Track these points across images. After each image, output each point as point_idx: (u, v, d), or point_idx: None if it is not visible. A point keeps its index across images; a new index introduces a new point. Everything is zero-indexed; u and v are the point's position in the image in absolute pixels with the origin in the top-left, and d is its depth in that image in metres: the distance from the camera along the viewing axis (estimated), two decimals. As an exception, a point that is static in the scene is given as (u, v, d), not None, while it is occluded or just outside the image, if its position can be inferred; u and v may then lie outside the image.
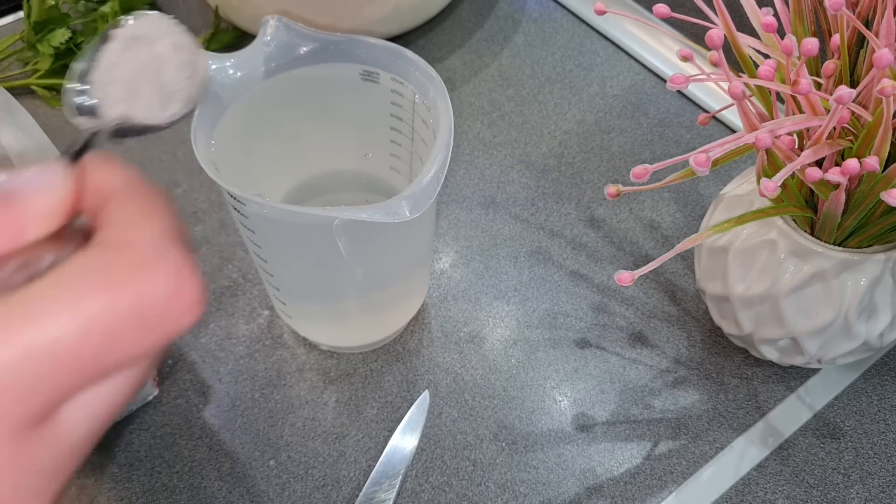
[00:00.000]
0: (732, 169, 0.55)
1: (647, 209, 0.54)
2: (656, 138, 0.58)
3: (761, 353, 0.44)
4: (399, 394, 0.45)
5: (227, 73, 0.37)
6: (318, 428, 0.44)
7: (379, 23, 0.57)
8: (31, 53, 0.58)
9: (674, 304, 0.50)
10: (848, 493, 0.43)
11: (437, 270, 0.51)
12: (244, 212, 0.35)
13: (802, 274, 0.38)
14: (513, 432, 0.44)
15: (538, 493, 0.42)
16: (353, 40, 0.39)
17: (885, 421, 0.45)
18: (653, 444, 0.44)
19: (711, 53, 0.32)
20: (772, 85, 0.32)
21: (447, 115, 0.36)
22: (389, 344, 0.47)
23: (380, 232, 0.37)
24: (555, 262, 0.51)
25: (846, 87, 0.28)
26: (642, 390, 0.46)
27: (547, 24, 0.66)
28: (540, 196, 0.55)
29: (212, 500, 0.42)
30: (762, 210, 0.37)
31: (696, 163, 0.30)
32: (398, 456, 0.43)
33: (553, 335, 0.48)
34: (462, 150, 0.57)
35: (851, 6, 0.35)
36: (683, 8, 0.36)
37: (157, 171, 0.55)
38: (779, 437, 0.45)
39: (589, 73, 0.62)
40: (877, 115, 0.31)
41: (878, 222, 0.36)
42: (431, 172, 0.33)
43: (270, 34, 0.38)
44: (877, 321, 0.39)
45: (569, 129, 0.59)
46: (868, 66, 0.34)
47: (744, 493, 0.43)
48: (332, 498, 0.42)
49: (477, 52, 0.63)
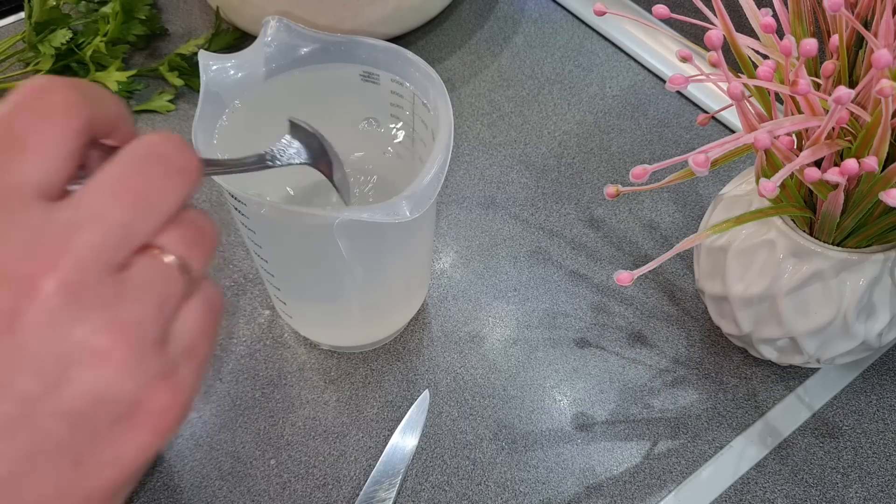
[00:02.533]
0: (731, 169, 0.55)
1: (646, 209, 0.54)
2: (655, 139, 0.58)
3: (760, 353, 0.44)
4: (399, 393, 0.46)
5: (228, 74, 0.37)
6: (319, 427, 0.44)
7: (379, 24, 0.57)
8: (32, 54, 0.58)
9: (673, 303, 0.50)
10: (847, 493, 0.43)
11: (437, 270, 0.51)
12: (245, 212, 0.35)
13: (801, 274, 0.38)
14: (512, 431, 0.44)
15: (538, 493, 0.42)
16: (354, 41, 0.39)
17: (884, 420, 0.45)
18: (652, 443, 0.44)
19: (710, 54, 0.33)
20: (771, 85, 0.32)
21: (447, 116, 0.36)
22: (390, 344, 0.48)
23: (380, 232, 0.37)
24: (554, 262, 0.51)
25: (845, 87, 0.28)
26: (641, 390, 0.46)
27: (546, 24, 0.66)
28: (540, 196, 0.55)
29: (212, 499, 0.42)
30: (761, 210, 0.37)
31: (696, 163, 0.30)
32: (398, 455, 0.43)
33: (553, 335, 0.48)
34: (462, 151, 0.57)
35: (850, 7, 0.35)
36: (683, 9, 0.36)
37: (157, 172, 0.55)
38: (778, 436, 0.45)
39: (588, 73, 0.62)
40: (875, 116, 0.31)
41: (876, 222, 0.36)
42: (431, 173, 0.33)
43: (271, 35, 0.38)
44: (875, 321, 0.39)
45: (568, 129, 0.59)
46: (867, 67, 0.34)
47: (743, 492, 0.43)
48: (333, 497, 0.42)
49: (477, 52, 0.64)
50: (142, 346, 0.19)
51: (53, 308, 0.18)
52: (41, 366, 0.18)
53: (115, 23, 0.58)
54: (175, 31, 0.64)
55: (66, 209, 0.18)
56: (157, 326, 0.20)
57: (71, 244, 0.18)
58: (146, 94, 0.59)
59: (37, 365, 0.18)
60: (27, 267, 0.18)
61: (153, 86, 0.60)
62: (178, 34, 0.64)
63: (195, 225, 0.21)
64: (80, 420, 0.18)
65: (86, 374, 0.18)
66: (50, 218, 0.18)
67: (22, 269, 0.18)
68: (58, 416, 0.18)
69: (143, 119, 0.58)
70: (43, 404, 0.18)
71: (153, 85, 0.60)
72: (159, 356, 0.20)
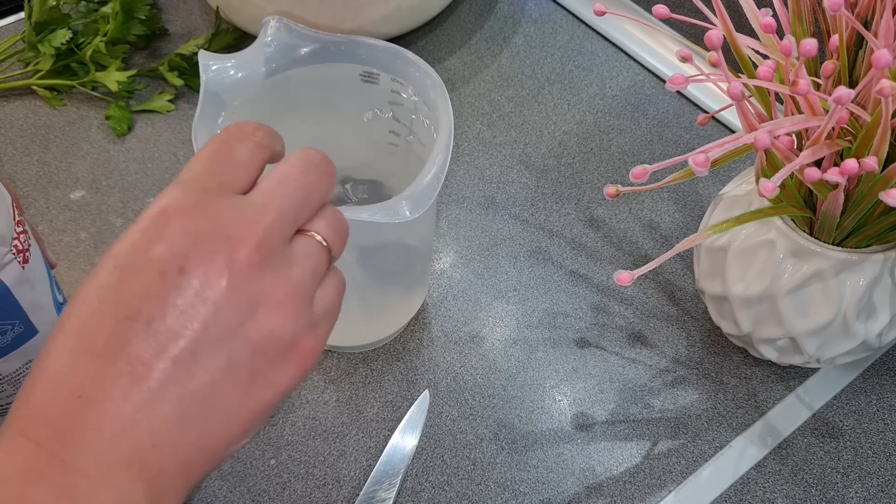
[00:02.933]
0: (731, 169, 0.55)
1: (646, 209, 0.54)
2: (655, 139, 0.58)
3: (760, 353, 0.44)
4: (399, 393, 0.46)
5: (228, 74, 0.37)
6: (319, 427, 0.44)
7: (379, 24, 0.57)
8: (32, 54, 0.58)
9: (673, 303, 0.50)
10: (847, 493, 0.43)
11: (437, 270, 0.51)
12: (245, 212, 0.35)
13: (801, 274, 0.38)
14: (512, 431, 0.44)
15: (538, 492, 0.42)
16: (354, 41, 0.39)
17: (884, 420, 0.45)
18: (652, 443, 0.44)
19: (710, 54, 0.33)
20: (771, 85, 0.32)
21: (447, 116, 0.36)
22: (389, 344, 0.48)
23: (380, 232, 0.37)
24: (554, 262, 0.51)
25: (845, 87, 0.28)
26: (641, 390, 0.46)
27: (546, 24, 0.66)
28: (540, 196, 0.55)
29: (212, 499, 0.42)
30: (761, 210, 0.37)
31: (696, 163, 0.30)
32: (398, 455, 0.43)
33: (552, 335, 0.48)
34: (462, 151, 0.57)
35: (850, 7, 0.35)
36: (683, 9, 0.36)
37: (157, 172, 0.55)
38: (778, 436, 0.45)
39: (588, 73, 0.62)
40: (875, 116, 0.31)
41: (876, 222, 0.36)
42: (431, 173, 0.33)
43: (271, 35, 0.38)
44: (875, 321, 0.39)
45: (568, 129, 0.59)
46: (867, 67, 0.34)
47: (743, 492, 0.43)
48: (333, 497, 0.42)
49: (477, 52, 0.64)
50: (302, 301, 0.25)
51: (253, 263, 0.24)
52: (241, 304, 0.24)
53: (115, 23, 0.58)
54: (175, 31, 0.64)
55: (256, 195, 0.25)
56: (311, 289, 0.26)
57: (262, 219, 0.25)
58: (146, 94, 0.59)
59: (238, 302, 0.24)
60: (237, 231, 0.24)
61: (153, 86, 0.60)
62: (178, 34, 0.64)
63: (336, 218, 0.27)
64: (259, 348, 0.24)
65: (267, 315, 0.24)
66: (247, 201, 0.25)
67: (234, 232, 0.24)
68: (245, 343, 0.24)
69: (143, 119, 0.58)
70: (238, 332, 0.24)
71: (153, 85, 0.60)
72: (310, 312, 0.26)
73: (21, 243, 0.34)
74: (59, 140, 0.57)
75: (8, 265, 0.33)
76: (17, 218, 0.34)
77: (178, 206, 0.24)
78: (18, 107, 0.58)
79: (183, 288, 0.23)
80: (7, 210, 0.34)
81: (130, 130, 0.57)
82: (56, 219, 0.52)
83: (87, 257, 0.51)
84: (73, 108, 0.59)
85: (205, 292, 0.23)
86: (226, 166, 0.26)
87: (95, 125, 0.58)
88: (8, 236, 0.33)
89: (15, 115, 0.58)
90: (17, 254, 0.34)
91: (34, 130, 0.57)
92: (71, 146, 0.56)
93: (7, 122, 0.57)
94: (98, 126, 0.58)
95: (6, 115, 0.58)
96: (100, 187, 0.54)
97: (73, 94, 0.59)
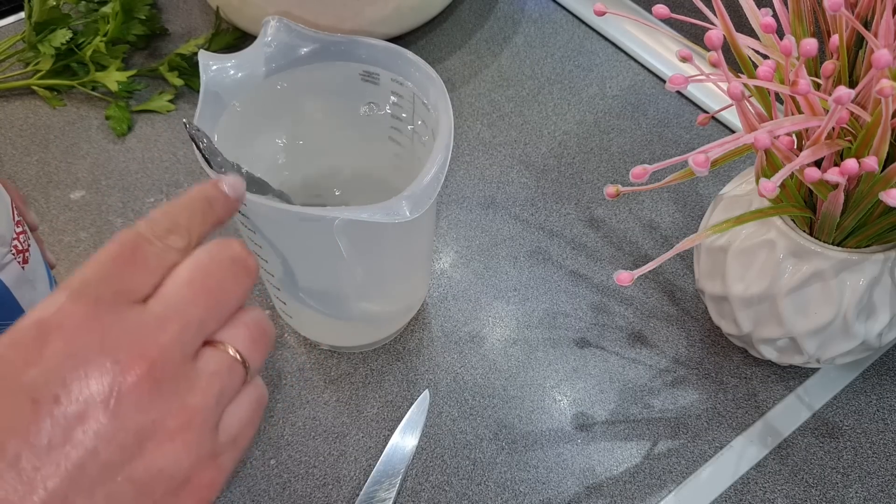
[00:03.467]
0: (731, 169, 0.55)
1: (646, 209, 0.54)
2: (655, 139, 0.58)
3: (760, 353, 0.44)
4: (399, 393, 0.46)
5: (228, 74, 0.37)
6: (319, 427, 0.44)
7: (379, 23, 0.57)
8: (32, 54, 0.58)
9: (673, 303, 0.50)
10: (847, 493, 0.43)
11: (437, 270, 0.51)
12: (245, 212, 0.35)
13: (801, 274, 0.38)
14: (512, 431, 0.44)
15: (538, 493, 0.42)
16: (354, 41, 0.39)
17: (884, 420, 0.45)
18: (652, 443, 0.44)
19: (711, 54, 0.33)
20: (771, 85, 0.32)
21: (447, 116, 0.36)
22: (389, 344, 0.48)
23: (380, 232, 0.37)
24: (554, 262, 0.51)
25: (845, 87, 0.28)
26: (641, 390, 0.46)
27: (547, 24, 0.66)
28: (540, 196, 0.55)
29: (212, 499, 0.42)
30: (761, 210, 0.37)
31: (696, 163, 0.30)
32: (398, 455, 0.43)
33: (552, 335, 0.48)
34: (462, 151, 0.57)
35: (850, 7, 0.35)
36: (683, 9, 0.36)
37: (157, 172, 0.55)
38: (778, 436, 0.45)
39: (588, 73, 0.62)
40: (875, 116, 0.31)
41: (876, 222, 0.36)
42: (431, 173, 0.33)
43: (271, 35, 0.38)
44: (875, 321, 0.39)
45: (568, 129, 0.59)
46: (867, 67, 0.34)
47: (743, 492, 0.43)
48: (333, 497, 0.42)
49: (477, 52, 0.64)
50: (202, 430, 0.22)
51: (143, 390, 0.21)
52: (125, 438, 0.21)
53: (115, 23, 0.58)
54: (175, 31, 0.64)
55: (156, 304, 0.23)
56: (215, 413, 0.23)
57: (159, 336, 0.22)
58: (146, 94, 0.59)
59: (122, 437, 0.21)
60: (127, 352, 0.21)
61: (153, 86, 0.60)
62: (178, 34, 0.64)
63: (256, 324, 0.24)
64: (145, 488, 0.21)
65: (156, 449, 0.21)
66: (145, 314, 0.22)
67: (122, 355, 0.21)
68: (128, 483, 0.21)
69: (142, 119, 0.58)
70: (120, 471, 0.21)
71: (153, 85, 0.60)
72: (212, 440, 0.23)
73: (21, 243, 0.34)
74: (59, 140, 0.57)
75: (8, 265, 0.33)
76: (17, 218, 0.34)
77: (61, 320, 0.21)
78: (18, 107, 0.59)
79: (57, 420, 0.20)
80: (7, 210, 0.34)
81: (130, 130, 0.57)
82: (56, 219, 0.52)
83: (87, 257, 0.50)
84: (73, 108, 0.59)
85: (83, 425, 0.20)
86: (126, 272, 0.23)
87: (95, 125, 0.58)
88: (7, 236, 0.33)
89: (15, 115, 0.58)
90: (17, 254, 0.34)
91: (34, 130, 0.57)
92: (71, 146, 0.56)
93: (7, 122, 0.57)
94: (98, 126, 0.58)
95: (6, 115, 0.58)
96: (100, 187, 0.54)
97: (73, 94, 0.59)
